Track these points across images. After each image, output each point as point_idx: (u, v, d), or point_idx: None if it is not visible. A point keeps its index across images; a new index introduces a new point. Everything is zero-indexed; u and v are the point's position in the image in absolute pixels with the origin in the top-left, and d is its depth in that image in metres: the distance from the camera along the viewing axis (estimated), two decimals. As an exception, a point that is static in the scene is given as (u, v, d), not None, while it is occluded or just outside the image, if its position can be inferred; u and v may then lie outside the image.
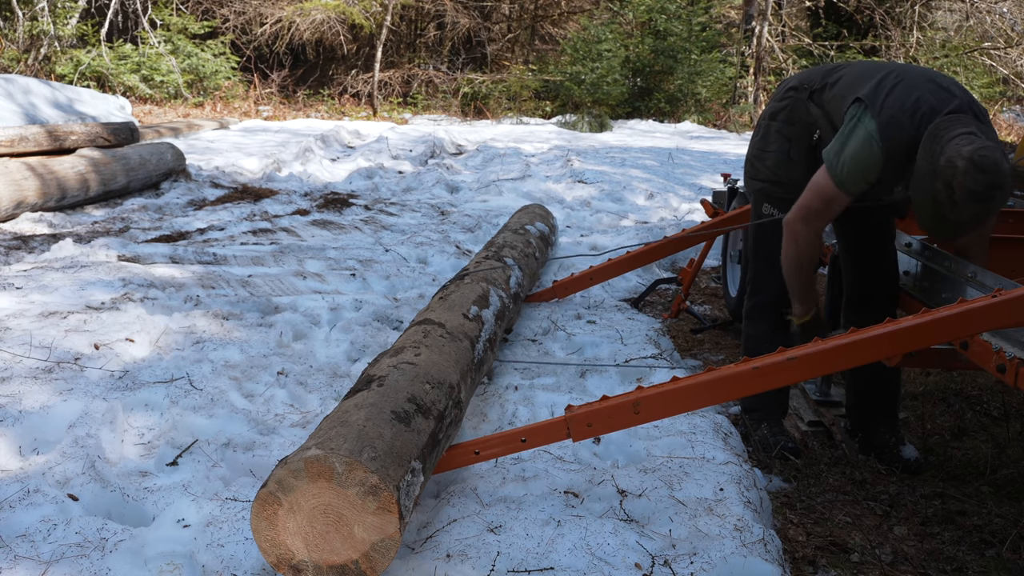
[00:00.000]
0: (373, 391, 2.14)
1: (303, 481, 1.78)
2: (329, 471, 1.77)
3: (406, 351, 2.47)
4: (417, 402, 2.15)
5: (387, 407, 2.05)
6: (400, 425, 2.00)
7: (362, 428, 1.91)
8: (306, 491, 1.79)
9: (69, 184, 6.05)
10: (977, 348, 2.24)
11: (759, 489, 2.42)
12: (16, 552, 1.92)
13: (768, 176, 2.97)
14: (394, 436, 1.94)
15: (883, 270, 2.97)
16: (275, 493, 1.79)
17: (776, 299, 3.02)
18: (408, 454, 1.94)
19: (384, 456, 1.84)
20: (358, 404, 2.05)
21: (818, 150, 2.79)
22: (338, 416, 2.00)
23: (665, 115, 17.65)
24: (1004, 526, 2.49)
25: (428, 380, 2.30)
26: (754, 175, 3.04)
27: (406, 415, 2.06)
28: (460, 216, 6.79)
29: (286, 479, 1.79)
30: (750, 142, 3.08)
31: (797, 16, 20.65)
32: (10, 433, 2.48)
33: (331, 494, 1.78)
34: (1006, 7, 17.90)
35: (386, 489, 1.78)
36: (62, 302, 3.67)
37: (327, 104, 18.25)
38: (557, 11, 21.27)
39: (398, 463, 1.87)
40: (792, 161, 2.90)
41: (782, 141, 2.92)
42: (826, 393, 3.44)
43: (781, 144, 2.92)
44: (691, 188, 8.66)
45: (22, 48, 16.12)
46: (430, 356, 2.46)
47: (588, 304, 4.35)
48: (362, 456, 1.79)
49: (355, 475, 1.77)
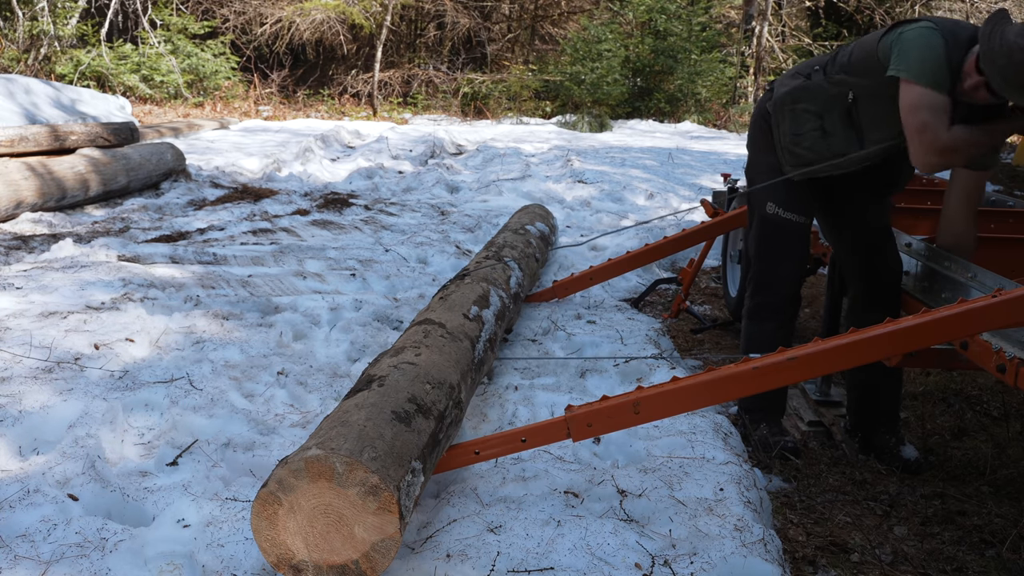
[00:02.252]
0: (374, 391, 2.14)
1: (304, 481, 1.78)
2: (330, 471, 1.77)
3: (406, 351, 2.47)
4: (417, 402, 2.15)
5: (387, 407, 2.05)
6: (400, 425, 2.00)
7: (362, 428, 1.91)
8: (306, 491, 1.78)
9: (69, 184, 6.05)
10: (977, 348, 2.24)
11: (759, 489, 2.41)
12: (16, 552, 1.92)
13: (810, 158, 2.90)
14: (394, 436, 1.94)
15: (885, 269, 2.97)
16: (275, 493, 1.79)
17: (782, 300, 3.01)
18: (408, 454, 1.94)
19: (385, 456, 1.84)
20: (359, 404, 2.05)
21: (855, 110, 2.77)
22: (339, 416, 2.00)
23: (665, 115, 17.65)
24: (1004, 526, 2.50)
25: (428, 380, 2.30)
26: (795, 161, 2.93)
27: (406, 415, 2.06)
28: (460, 216, 6.79)
29: (287, 479, 1.79)
30: (779, 133, 2.96)
31: (797, 16, 20.65)
32: (10, 433, 2.48)
33: (331, 494, 1.78)
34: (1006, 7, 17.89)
35: (386, 489, 1.78)
36: (62, 302, 3.67)
37: (327, 104, 18.25)
38: (557, 11, 21.27)
39: (398, 463, 1.87)
40: (828, 135, 2.84)
41: (812, 119, 2.87)
42: (826, 393, 3.44)
43: (813, 122, 2.87)
44: (691, 188, 8.66)
45: (22, 48, 16.12)
46: (430, 356, 2.46)
47: (588, 304, 4.35)
48: (363, 456, 1.79)
49: (356, 475, 1.77)
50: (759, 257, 3.06)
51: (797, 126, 2.90)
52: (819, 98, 2.85)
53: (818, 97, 2.85)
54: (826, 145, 2.86)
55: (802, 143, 2.90)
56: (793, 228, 2.98)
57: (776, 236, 2.99)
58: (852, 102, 2.78)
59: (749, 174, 3.15)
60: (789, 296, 3.03)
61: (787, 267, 3.02)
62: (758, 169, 3.07)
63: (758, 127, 3.09)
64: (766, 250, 3.03)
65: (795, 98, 2.90)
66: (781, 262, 3.01)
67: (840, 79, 2.79)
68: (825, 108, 2.84)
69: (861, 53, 2.75)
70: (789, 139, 2.93)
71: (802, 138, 2.90)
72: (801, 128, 2.90)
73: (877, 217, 3.00)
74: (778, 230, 2.98)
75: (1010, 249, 3.29)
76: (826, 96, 2.83)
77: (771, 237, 3.01)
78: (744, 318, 3.14)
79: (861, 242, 3.00)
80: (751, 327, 3.09)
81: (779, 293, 3.02)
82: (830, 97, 2.82)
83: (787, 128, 2.93)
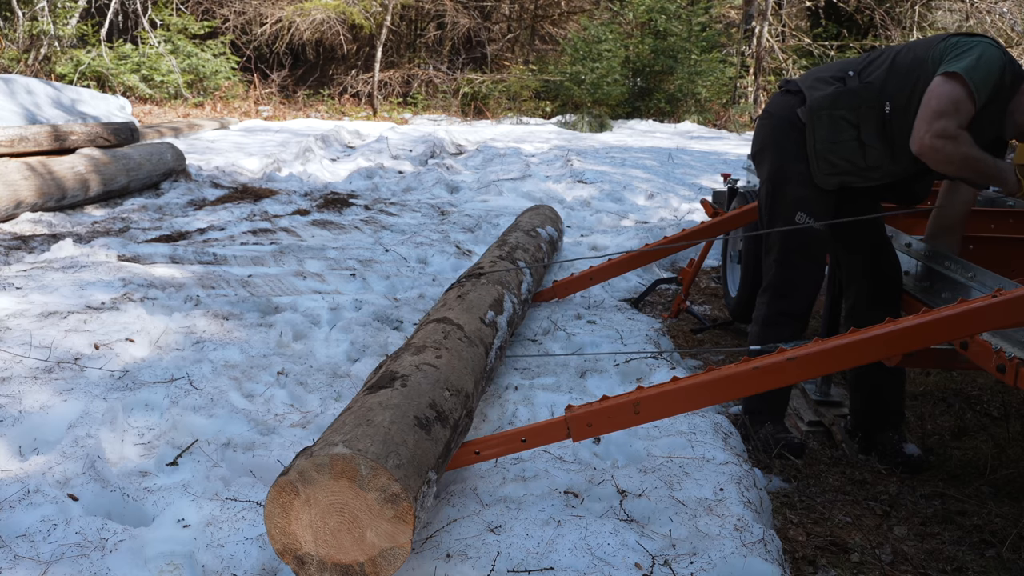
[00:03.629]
0: (397, 391, 2.12)
1: (325, 476, 1.77)
2: (353, 471, 1.76)
3: (427, 351, 2.45)
4: (437, 409, 2.13)
5: (411, 411, 2.03)
6: (422, 432, 1.99)
7: (388, 431, 1.89)
8: (326, 487, 1.78)
9: (69, 184, 6.05)
10: (977, 348, 2.24)
11: (759, 489, 2.41)
12: (16, 552, 1.92)
13: (846, 168, 2.85)
14: (416, 444, 1.93)
15: (888, 268, 2.97)
16: (295, 483, 1.78)
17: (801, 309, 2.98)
18: (426, 464, 1.93)
19: (407, 464, 1.83)
20: (383, 403, 2.03)
21: (890, 125, 2.74)
22: (363, 413, 1.98)
23: (665, 115, 17.65)
24: (1004, 526, 2.50)
25: (448, 387, 2.29)
26: (829, 170, 2.87)
27: (427, 422, 2.05)
28: (460, 216, 6.79)
29: (308, 471, 1.78)
30: (814, 139, 2.87)
31: (797, 16, 20.65)
32: (10, 433, 2.48)
33: (351, 494, 1.77)
34: (1006, 7, 17.90)
35: (406, 499, 1.76)
36: (62, 302, 3.67)
37: (327, 104, 18.25)
38: (557, 11, 21.27)
39: (418, 472, 1.86)
40: (865, 146, 2.80)
41: (850, 128, 2.81)
42: (826, 393, 3.44)
43: (850, 131, 2.82)
44: (691, 188, 8.66)
45: (22, 48, 16.12)
46: (450, 360, 2.45)
47: (588, 304, 4.35)
48: (388, 462, 1.78)
49: (379, 480, 1.76)
50: (782, 265, 2.98)
51: (834, 133, 2.84)
52: (856, 107, 2.80)
53: (855, 105, 2.80)
54: (861, 156, 2.82)
55: (838, 151, 2.84)
56: (821, 237, 2.94)
57: (804, 245, 2.93)
58: (888, 114, 2.75)
59: (774, 181, 3.00)
60: (809, 304, 3.00)
61: (811, 276, 2.99)
62: (787, 178, 2.95)
63: (784, 134, 2.97)
64: (792, 258, 2.96)
65: (834, 104, 2.83)
66: (806, 271, 2.97)
67: (878, 87, 2.75)
68: (861, 118, 2.79)
69: (911, 58, 2.71)
70: (825, 146, 2.86)
71: (838, 147, 2.84)
72: (838, 136, 2.83)
73: (874, 217, 3.00)
74: (806, 239, 2.92)
75: (1010, 249, 3.29)
76: (863, 105, 2.78)
77: (798, 246, 2.94)
78: (759, 323, 3.04)
79: (864, 242, 2.99)
80: (767, 333, 2.99)
81: (800, 302, 2.98)
82: (868, 107, 2.78)
83: (824, 135, 2.85)
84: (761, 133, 3.09)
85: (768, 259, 3.04)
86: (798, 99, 2.94)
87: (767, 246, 3.04)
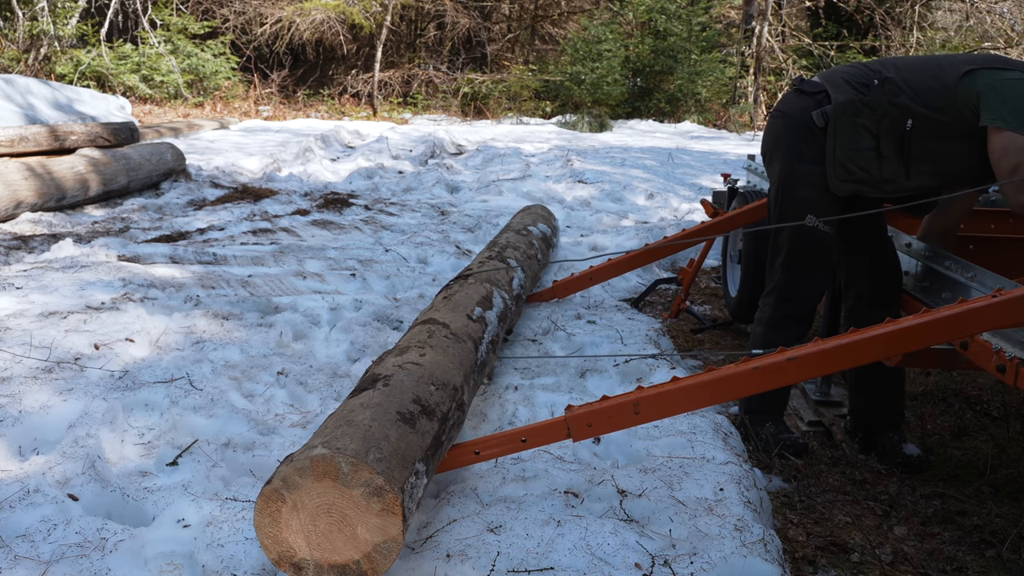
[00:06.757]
0: (379, 391, 2.13)
1: (308, 479, 1.78)
2: (335, 471, 1.77)
3: (411, 351, 2.46)
4: (422, 403, 2.14)
5: (392, 408, 2.04)
6: (405, 426, 2.00)
7: (368, 428, 1.90)
8: (311, 490, 1.78)
9: (69, 184, 6.04)
10: (977, 348, 2.24)
11: (759, 489, 2.41)
12: (16, 552, 1.92)
13: (862, 177, 2.83)
14: (399, 437, 1.94)
15: (889, 267, 2.97)
16: (280, 490, 1.79)
17: (806, 311, 2.98)
18: (413, 456, 1.93)
19: (390, 457, 1.84)
20: (364, 403, 2.05)
21: (908, 140, 2.72)
22: (344, 415, 2.00)
23: (665, 115, 17.66)
24: (1004, 526, 2.50)
25: (433, 381, 2.30)
26: (845, 176, 2.84)
27: (411, 416, 2.05)
28: (460, 216, 6.79)
29: (291, 477, 1.78)
30: (834, 144, 2.84)
31: (797, 16, 20.65)
32: (10, 433, 2.48)
33: (336, 494, 1.78)
34: (1006, 7, 17.89)
35: (391, 491, 1.77)
36: (62, 302, 3.67)
37: (327, 104, 18.26)
38: (557, 11, 21.27)
39: (403, 465, 1.87)
40: (883, 158, 2.78)
41: (869, 138, 2.79)
42: (826, 393, 3.44)
43: (869, 141, 2.79)
44: (691, 188, 8.66)
45: (22, 48, 16.12)
46: (435, 357, 2.46)
47: (588, 304, 4.35)
48: (368, 457, 1.79)
49: (361, 476, 1.77)
50: (789, 268, 2.97)
51: (854, 141, 2.81)
52: (878, 118, 2.77)
53: (877, 117, 2.77)
54: (878, 167, 2.80)
55: (856, 160, 2.81)
56: (829, 241, 2.93)
57: (812, 248, 2.92)
58: (909, 131, 2.72)
59: (785, 183, 2.97)
60: (814, 307, 3.00)
61: (818, 279, 2.99)
62: (798, 180, 2.93)
63: (798, 135, 2.92)
64: (799, 261, 2.95)
65: (856, 111, 2.80)
66: (813, 274, 2.97)
67: (903, 103, 2.72)
68: (882, 130, 2.77)
69: (932, 82, 2.69)
70: (845, 153, 2.82)
71: (857, 155, 2.81)
72: (858, 144, 2.80)
73: (877, 218, 2.99)
74: (815, 242, 2.91)
75: (1010, 249, 3.29)
76: (885, 117, 2.76)
77: (806, 249, 2.93)
78: (762, 325, 3.03)
79: (865, 242, 2.99)
80: (771, 335, 2.97)
81: (806, 305, 2.98)
82: (890, 121, 2.75)
83: (844, 141, 2.82)
84: (773, 133, 3.06)
85: (775, 261, 3.03)
86: (813, 101, 2.89)
87: (774, 248, 3.03)
